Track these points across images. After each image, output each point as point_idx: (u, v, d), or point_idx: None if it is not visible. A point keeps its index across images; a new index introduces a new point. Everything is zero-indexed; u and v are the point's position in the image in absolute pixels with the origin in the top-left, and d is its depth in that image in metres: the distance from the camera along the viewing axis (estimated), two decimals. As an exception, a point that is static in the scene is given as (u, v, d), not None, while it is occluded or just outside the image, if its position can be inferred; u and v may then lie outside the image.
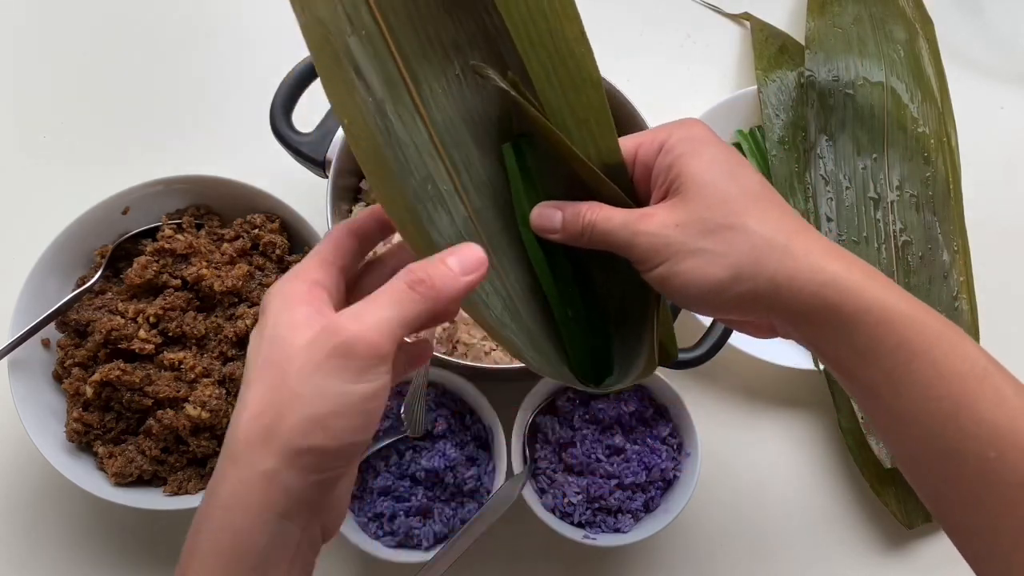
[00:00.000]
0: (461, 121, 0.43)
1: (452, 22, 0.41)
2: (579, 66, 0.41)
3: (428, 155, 0.42)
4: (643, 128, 0.68)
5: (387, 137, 0.40)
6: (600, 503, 0.65)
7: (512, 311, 0.44)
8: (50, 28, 0.85)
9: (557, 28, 0.41)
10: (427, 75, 0.41)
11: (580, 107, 0.42)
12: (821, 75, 0.78)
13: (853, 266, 0.37)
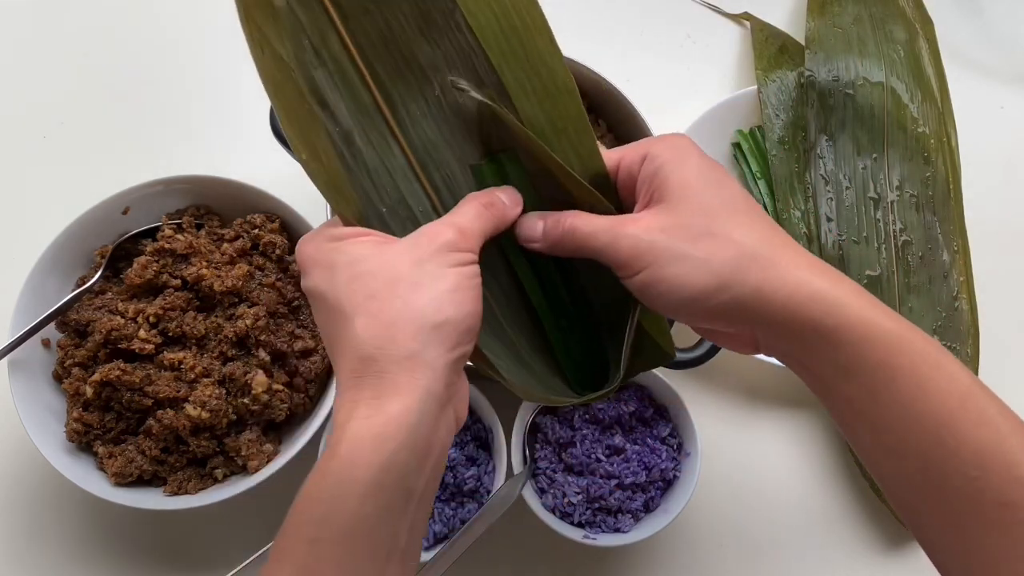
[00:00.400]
0: (442, 141, 0.43)
1: (427, 43, 0.41)
2: (553, 76, 0.42)
3: (403, 178, 0.42)
4: (643, 128, 0.68)
5: (354, 166, 0.41)
6: (600, 503, 0.65)
7: (495, 327, 0.44)
8: (50, 28, 0.85)
9: (528, 41, 0.42)
10: (404, 98, 0.42)
11: (557, 116, 0.42)
12: (821, 75, 0.78)
13: (839, 282, 0.37)
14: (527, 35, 0.42)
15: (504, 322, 0.45)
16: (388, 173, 0.42)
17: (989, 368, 0.74)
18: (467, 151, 0.43)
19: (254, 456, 0.65)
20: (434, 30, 0.41)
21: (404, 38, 0.41)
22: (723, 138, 0.81)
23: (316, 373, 0.67)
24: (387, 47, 0.41)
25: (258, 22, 0.38)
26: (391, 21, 0.40)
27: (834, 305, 0.36)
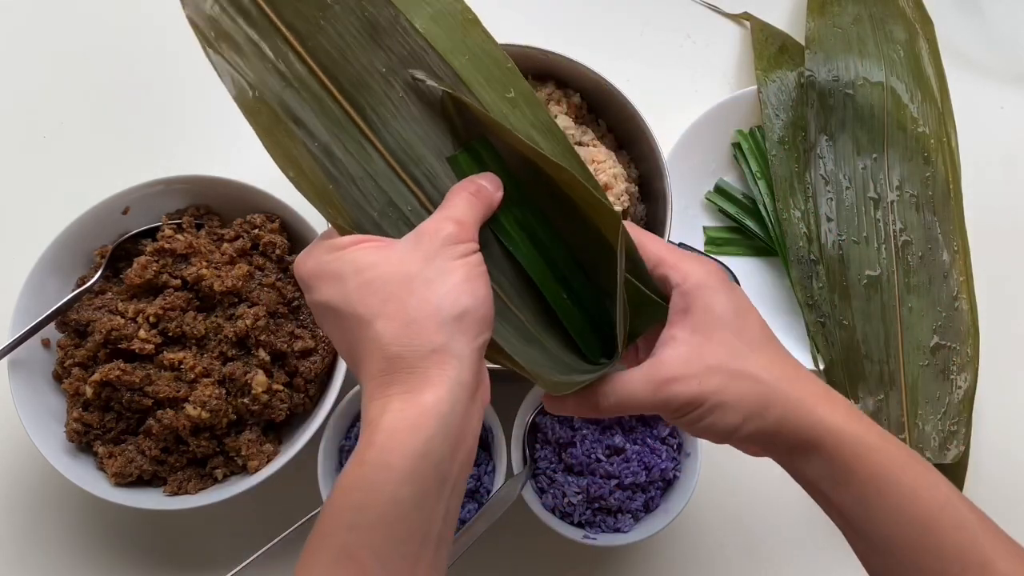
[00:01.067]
0: (416, 138, 0.44)
1: (381, 49, 0.43)
2: (496, 61, 0.45)
3: (386, 181, 0.44)
4: (643, 128, 0.68)
5: (339, 177, 0.43)
6: (600, 503, 0.65)
7: (499, 308, 0.45)
8: (50, 28, 0.85)
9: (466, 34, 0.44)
10: (371, 103, 0.44)
11: (512, 96, 0.45)
12: (821, 75, 0.78)
13: (837, 408, 0.43)
14: (463, 30, 0.44)
15: (508, 302, 0.46)
16: (371, 178, 0.44)
17: (989, 368, 0.74)
18: (441, 143, 0.45)
19: (254, 456, 0.65)
20: (384, 36, 0.43)
21: (359, 48, 0.43)
22: (723, 138, 0.81)
23: (316, 373, 0.67)
24: (345, 59, 0.43)
25: (223, 55, 0.41)
26: (343, 34, 0.43)
27: (830, 429, 0.42)
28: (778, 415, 0.43)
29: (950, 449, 0.71)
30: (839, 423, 0.42)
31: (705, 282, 0.44)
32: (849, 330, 0.73)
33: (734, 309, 0.44)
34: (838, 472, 0.42)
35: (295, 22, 0.42)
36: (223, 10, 0.41)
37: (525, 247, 0.46)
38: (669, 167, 0.68)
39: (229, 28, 0.41)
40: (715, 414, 0.43)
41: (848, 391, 0.72)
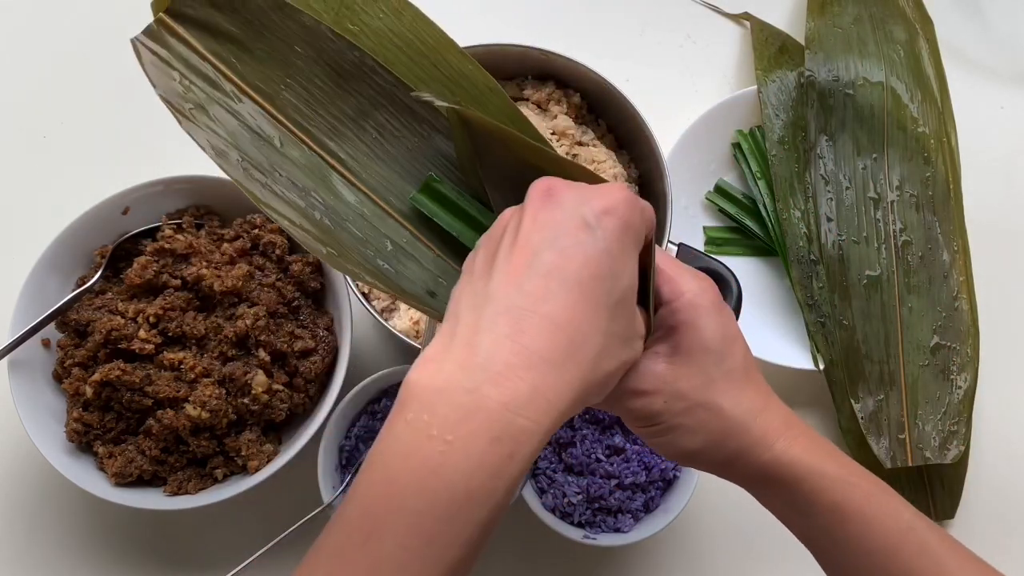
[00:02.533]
0: (395, 175, 0.45)
1: (349, 95, 0.44)
2: (473, 82, 0.45)
3: (377, 218, 0.45)
4: (643, 128, 0.68)
5: (333, 220, 0.43)
6: (600, 503, 0.65)
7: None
8: (50, 28, 0.85)
9: (438, 59, 0.45)
10: (346, 149, 0.44)
11: (492, 115, 0.45)
12: (821, 75, 0.78)
13: (796, 441, 0.43)
14: (435, 55, 0.45)
15: None
16: (363, 219, 0.44)
17: (989, 368, 0.74)
18: (420, 174, 0.46)
19: (254, 456, 0.65)
20: (351, 81, 0.44)
21: (326, 98, 0.44)
22: (723, 138, 0.81)
23: (316, 373, 0.67)
24: (315, 111, 0.44)
25: (197, 124, 0.42)
26: (309, 87, 0.43)
27: (789, 463, 0.43)
28: (735, 447, 0.43)
29: (950, 449, 0.71)
30: (797, 457, 0.43)
31: (697, 302, 0.44)
32: (849, 330, 0.73)
33: (721, 335, 0.44)
34: (799, 504, 0.43)
35: (261, 85, 0.43)
36: (191, 83, 0.42)
37: None
38: (669, 167, 0.68)
39: (199, 99, 0.42)
40: (673, 434, 0.43)
41: (848, 391, 0.72)
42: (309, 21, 0.43)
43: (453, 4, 0.87)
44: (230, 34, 0.42)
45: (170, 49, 0.41)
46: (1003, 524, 0.75)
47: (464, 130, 0.44)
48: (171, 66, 0.41)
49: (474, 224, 0.45)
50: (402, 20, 0.45)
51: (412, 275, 0.45)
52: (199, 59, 0.42)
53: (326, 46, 0.43)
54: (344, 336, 0.67)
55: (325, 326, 0.69)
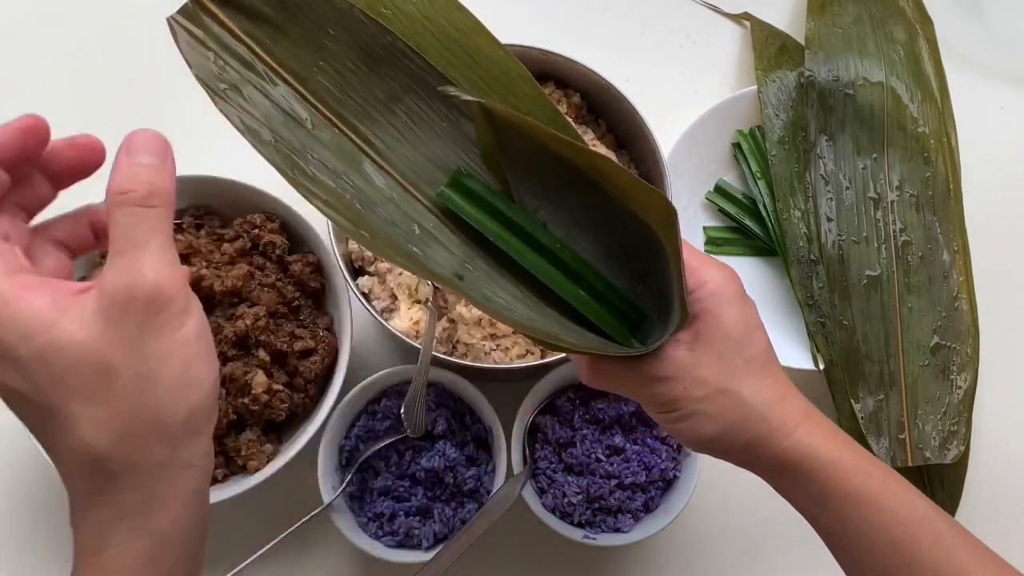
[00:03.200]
0: (425, 160, 0.45)
1: (380, 79, 0.44)
2: (503, 68, 0.45)
3: (405, 203, 0.45)
4: (643, 128, 0.68)
5: (362, 203, 0.44)
6: (600, 503, 0.65)
7: (537, 308, 0.46)
8: (50, 28, 0.85)
9: (469, 44, 0.45)
10: (377, 133, 0.45)
11: (520, 103, 0.45)
12: (821, 75, 0.78)
13: (814, 430, 0.44)
14: (466, 40, 0.45)
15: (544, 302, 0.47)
16: (392, 203, 0.45)
17: (989, 368, 0.74)
18: (449, 159, 0.46)
19: (254, 456, 0.65)
20: (383, 65, 0.44)
21: (357, 81, 0.44)
22: (723, 138, 0.81)
23: (316, 373, 0.67)
24: (346, 94, 0.44)
25: (230, 104, 0.42)
26: (341, 70, 0.43)
27: (806, 451, 0.43)
28: (753, 435, 0.44)
29: (950, 449, 0.71)
30: (814, 446, 0.43)
31: (720, 291, 0.44)
32: (849, 330, 0.73)
33: (743, 324, 0.44)
34: (815, 492, 0.43)
35: (295, 67, 0.43)
36: (225, 63, 0.42)
37: (535, 258, 0.46)
38: (669, 167, 0.68)
39: (234, 79, 0.42)
40: (692, 420, 0.44)
41: (848, 391, 0.72)
42: (343, 4, 0.43)
43: (453, 4, 0.88)
44: (264, 15, 0.42)
45: (205, 29, 0.41)
46: (1003, 524, 0.75)
47: (488, 124, 0.44)
48: (206, 46, 0.41)
49: (499, 217, 0.45)
50: (434, 5, 0.45)
51: (440, 259, 0.45)
52: (234, 39, 0.42)
53: (359, 29, 0.43)
54: (344, 336, 0.67)
55: (325, 326, 0.69)
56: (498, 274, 0.46)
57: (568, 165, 0.45)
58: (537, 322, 0.46)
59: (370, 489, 0.67)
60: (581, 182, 0.45)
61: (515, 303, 0.46)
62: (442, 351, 0.67)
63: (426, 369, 0.63)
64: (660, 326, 0.46)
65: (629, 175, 0.43)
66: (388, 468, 0.67)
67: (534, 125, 0.43)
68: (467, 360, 0.66)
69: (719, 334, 0.44)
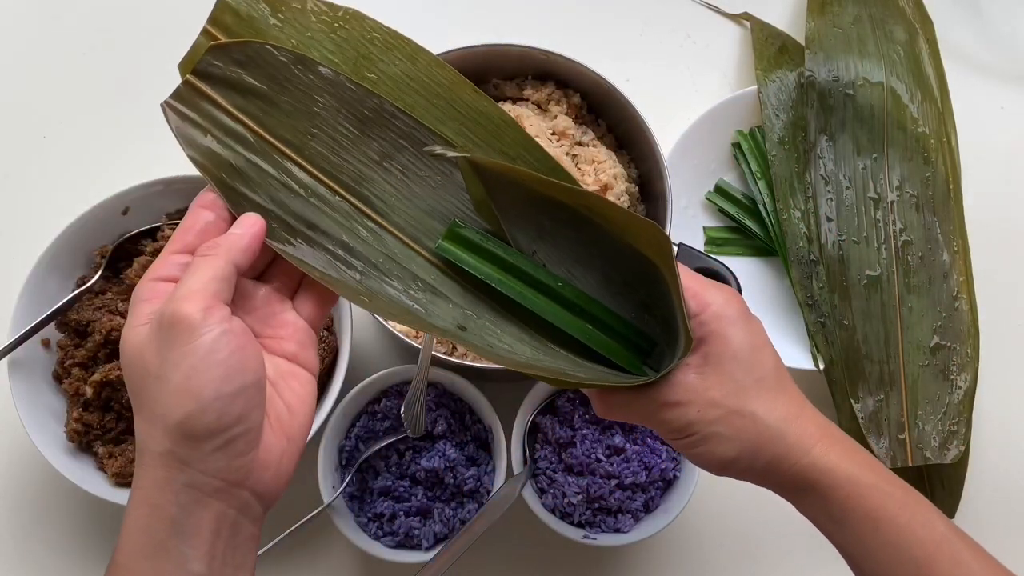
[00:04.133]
0: (423, 213, 0.47)
1: (372, 139, 0.46)
2: (488, 117, 0.47)
3: (406, 258, 0.46)
4: (643, 128, 0.68)
5: (363, 266, 0.45)
6: (600, 503, 0.65)
7: (544, 348, 0.47)
8: (50, 28, 0.85)
9: (454, 98, 0.46)
10: (373, 191, 0.46)
11: (508, 147, 0.47)
12: (821, 75, 0.78)
13: (833, 447, 0.44)
14: (450, 94, 0.46)
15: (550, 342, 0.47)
16: (392, 259, 0.46)
17: (989, 368, 0.74)
18: (447, 210, 0.47)
19: (254, 456, 0.65)
20: (373, 127, 0.45)
21: (350, 144, 0.45)
22: (723, 138, 0.81)
23: (316, 373, 0.67)
24: (341, 158, 0.45)
25: (230, 186, 0.43)
26: (334, 135, 0.45)
27: (825, 470, 0.43)
28: (772, 454, 0.43)
29: (950, 449, 0.71)
30: (833, 463, 0.43)
31: (723, 313, 0.44)
32: (849, 330, 0.73)
33: (749, 344, 0.44)
34: (834, 511, 0.43)
35: (288, 136, 0.44)
36: (219, 141, 0.43)
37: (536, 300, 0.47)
38: (669, 167, 0.68)
39: (229, 157, 0.43)
40: (709, 444, 0.44)
41: (848, 391, 0.72)
42: (329, 73, 0.44)
43: (455, 5, 0.88)
44: (255, 90, 0.43)
45: (198, 110, 0.43)
46: (1003, 524, 0.75)
47: (475, 175, 0.45)
48: (200, 127, 0.43)
49: (499, 263, 0.46)
50: (417, 65, 0.46)
51: (442, 312, 0.46)
52: (228, 118, 0.43)
53: (347, 95, 0.45)
54: (344, 336, 0.67)
55: (325, 326, 0.69)
56: (502, 319, 0.47)
57: (560, 205, 0.46)
58: (543, 361, 0.46)
59: (370, 489, 0.67)
60: (575, 220, 0.46)
61: (520, 346, 0.47)
62: (442, 351, 0.67)
63: (426, 369, 0.63)
64: (669, 353, 0.47)
65: (621, 209, 0.44)
66: (388, 468, 0.67)
67: (520, 171, 0.44)
68: (467, 360, 0.66)
69: (727, 355, 0.44)
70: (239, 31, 0.44)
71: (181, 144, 0.43)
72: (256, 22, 0.44)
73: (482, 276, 0.46)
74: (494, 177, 0.45)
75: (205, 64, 0.43)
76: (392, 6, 0.66)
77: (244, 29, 0.44)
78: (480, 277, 0.46)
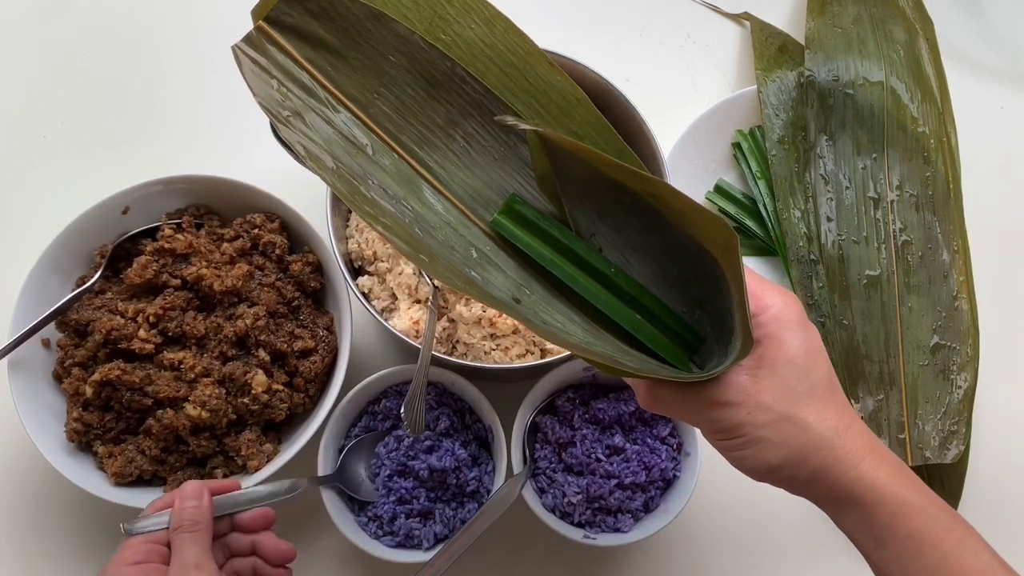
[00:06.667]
0: (482, 184, 0.46)
1: (439, 103, 0.45)
2: (561, 93, 0.46)
3: (463, 226, 0.45)
4: (643, 128, 0.68)
5: (421, 227, 0.44)
6: (600, 503, 0.65)
7: (593, 331, 0.46)
8: (50, 29, 0.85)
9: (528, 70, 0.45)
10: (435, 158, 0.45)
11: (576, 127, 0.46)
12: (821, 75, 0.78)
13: (881, 463, 0.43)
14: (525, 66, 0.45)
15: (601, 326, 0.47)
16: (448, 226, 0.45)
17: (989, 368, 0.74)
18: (506, 183, 0.46)
19: (254, 456, 0.65)
20: (441, 90, 0.44)
21: (417, 107, 0.45)
22: (723, 138, 0.81)
23: (316, 373, 0.67)
24: (406, 120, 0.44)
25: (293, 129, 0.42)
26: (401, 96, 0.44)
27: (871, 486, 0.42)
28: (818, 464, 0.42)
29: (950, 449, 0.71)
30: (880, 480, 0.42)
31: (782, 316, 0.43)
32: (849, 330, 0.73)
33: (805, 350, 0.43)
34: (876, 529, 0.42)
35: (356, 93, 0.43)
36: (288, 91, 0.42)
37: (590, 284, 0.46)
38: (669, 167, 0.68)
39: (296, 106, 0.42)
40: (755, 447, 0.43)
41: (848, 391, 0.72)
42: (403, 31, 0.43)
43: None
44: (326, 42, 0.43)
45: (268, 56, 0.42)
46: (1003, 524, 0.75)
47: (543, 150, 0.44)
48: (270, 73, 0.42)
49: (554, 243, 0.46)
50: (493, 31, 0.45)
51: (497, 283, 0.45)
52: (296, 67, 0.43)
53: (419, 55, 0.44)
54: (344, 336, 0.67)
55: (325, 326, 0.69)
56: (555, 298, 0.46)
57: (625, 190, 0.45)
58: (595, 346, 0.45)
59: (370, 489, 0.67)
60: (638, 207, 0.45)
61: (572, 327, 0.46)
62: (442, 351, 0.67)
63: (426, 369, 0.63)
64: (719, 352, 0.46)
65: (689, 200, 0.42)
66: (388, 468, 0.67)
67: (589, 151, 0.43)
68: (467, 360, 0.66)
69: (782, 360, 0.43)
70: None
71: (250, 88, 0.42)
72: None
73: (534, 255, 0.45)
74: (562, 154, 0.44)
75: (278, 12, 0.42)
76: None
77: None
78: (532, 255, 0.45)
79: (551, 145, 0.44)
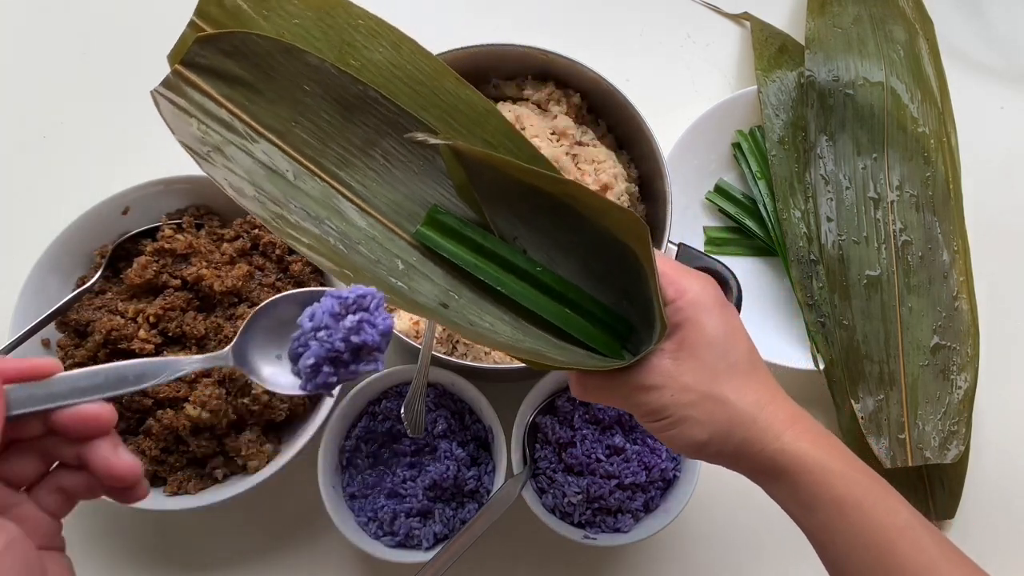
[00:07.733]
0: (404, 198, 0.48)
1: (355, 126, 0.47)
2: (471, 105, 0.48)
3: (387, 240, 0.47)
4: (643, 128, 0.68)
5: (345, 244, 0.46)
6: (600, 503, 0.65)
7: (523, 329, 0.48)
8: (50, 28, 0.85)
9: (437, 86, 0.47)
10: (356, 177, 0.47)
11: (490, 135, 0.48)
12: (821, 75, 0.78)
13: (804, 434, 0.45)
14: (433, 83, 0.47)
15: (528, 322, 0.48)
16: (374, 241, 0.47)
17: (989, 368, 0.74)
18: (428, 195, 0.48)
19: (254, 456, 0.65)
20: (356, 113, 0.46)
21: (334, 131, 0.46)
22: (723, 138, 0.81)
23: (316, 373, 0.67)
24: (325, 144, 0.46)
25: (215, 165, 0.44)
26: (317, 122, 0.46)
27: (794, 455, 0.44)
28: (741, 438, 0.44)
29: (950, 449, 0.71)
30: (803, 450, 0.44)
31: (699, 300, 0.45)
32: (849, 330, 0.73)
33: (724, 330, 0.45)
34: (803, 497, 0.44)
35: (274, 123, 0.45)
36: (208, 127, 0.44)
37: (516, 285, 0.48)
38: (669, 167, 0.68)
39: (216, 142, 0.44)
40: (682, 426, 0.45)
41: (848, 391, 0.72)
42: (314, 60, 0.45)
43: (455, 5, 0.88)
44: (242, 79, 0.44)
45: (187, 97, 0.44)
46: (1003, 524, 0.75)
47: (457, 162, 0.46)
48: (188, 113, 0.44)
49: (477, 249, 0.47)
50: (401, 53, 0.47)
51: (424, 291, 0.47)
52: (214, 104, 0.44)
53: (332, 82, 0.45)
54: (344, 336, 0.67)
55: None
56: (485, 300, 0.48)
57: (541, 192, 0.47)
58: (523, 342, 0.47)
59: (370, 489, 0.67)
60: (555, 207, 0.47)
61: (501, 326, 0.47)
62: (442, 351, 0.67)
63: (426, 369, 0.63)
64: (647, 338, 0.48)
65: (601, 198, 0.45)
66: (389, 468, 0.67)
67: (500, 159, 0.45)
68: (467, 360, 0.66)
69: (702, 341, 0.45)
70: (225, 22, 0.45)
71: (171, 129, 0.43)
72: (242, 12, 0.45)
73: (459, 262, 0.47)
74: (475, 164, 0.46)
75: (192, 54, 0.44)
76: (393, 6, 0.66)
77: (230, 20, 0.45)
78: (456, 262, 0.47)
79: (463, 156, 0.46)
